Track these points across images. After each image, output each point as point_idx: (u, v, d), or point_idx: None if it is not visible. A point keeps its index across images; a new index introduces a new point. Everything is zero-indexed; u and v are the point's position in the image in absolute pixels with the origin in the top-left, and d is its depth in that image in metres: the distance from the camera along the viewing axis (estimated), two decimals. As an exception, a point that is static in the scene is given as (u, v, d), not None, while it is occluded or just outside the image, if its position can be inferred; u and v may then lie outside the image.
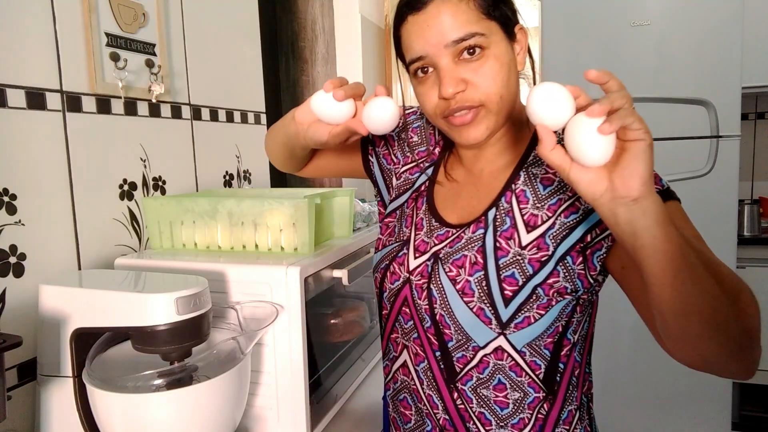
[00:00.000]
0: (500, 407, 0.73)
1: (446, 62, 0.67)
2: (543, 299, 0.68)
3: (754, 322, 0.55)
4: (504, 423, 0.73)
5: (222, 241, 0.99)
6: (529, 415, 0.72)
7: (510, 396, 0.72)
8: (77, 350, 0.76)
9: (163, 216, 1.02)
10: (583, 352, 0.75)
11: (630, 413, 2.26)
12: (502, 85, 0.68)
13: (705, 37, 2.05)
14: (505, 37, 0.69)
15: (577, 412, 0.74)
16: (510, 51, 0.70)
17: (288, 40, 2.09)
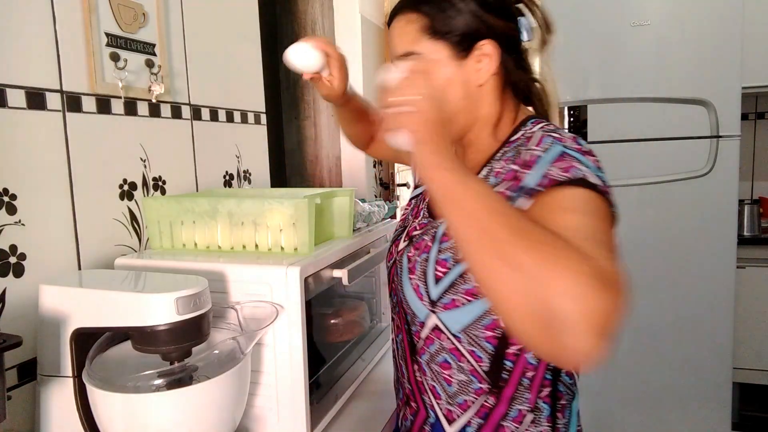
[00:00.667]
0: (447, 384, 0.78)
1: None
2: (469, 284, 0.73)
3: (565, 306, 0.47)
4: (451, 400, 0.78)
5: (222, 241, 0.99)
6: (473, 399, 0.76)
7: (455, 376, 0.77)
8: (77, 350, 0.76)
9: (163, 216, 1.02)
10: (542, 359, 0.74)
11: (630, 413, 2.26)
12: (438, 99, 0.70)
13: (705, 37, 2.05)
14: (454, 55, 0.74)
15: (530, 414, 0.75)
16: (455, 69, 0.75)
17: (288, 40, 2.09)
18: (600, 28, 2.16)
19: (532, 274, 0.50)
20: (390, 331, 1.07)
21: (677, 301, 2.17)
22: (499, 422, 0.75)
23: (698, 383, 2.18)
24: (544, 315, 0.49)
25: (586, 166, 0.66)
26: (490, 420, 0.76)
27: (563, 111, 2.23)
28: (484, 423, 0.76)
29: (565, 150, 0.68)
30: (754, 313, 2.48)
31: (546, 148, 0.69)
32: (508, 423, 0.75)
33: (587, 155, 0.69)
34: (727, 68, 2.04)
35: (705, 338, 2.16)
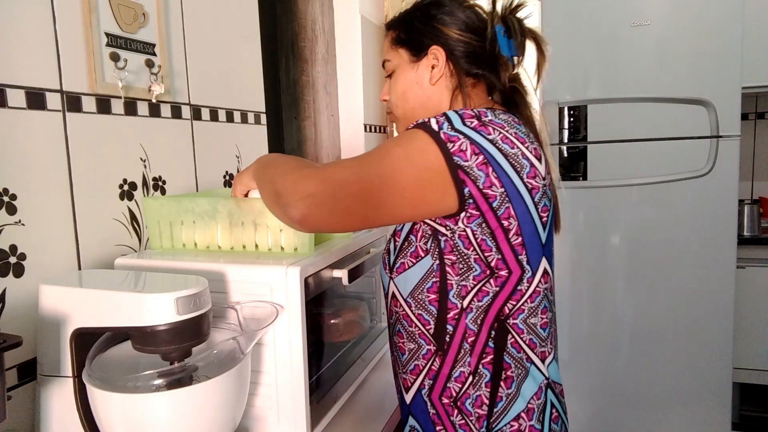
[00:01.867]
0: (401, 353, 0.89)
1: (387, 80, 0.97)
2: (413, 246, 0.83)
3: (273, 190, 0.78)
4: (404, 369, 0.89)
5: (222, 241, 0.99)
6: (423, 363, 0.85)
7: (406, 345, 0.88)
8: (77, 350, 0.76)
9: (163, 216, 1.02)
10: (482, 323, 0.81)
11: (630, 413, 2.26)
12: (399, 97, 0.94)
13: (705, 37, 2.05)
14: (409, 58, 0.91)
15: (471, 377, 0.82)
16: (412, 70, 0.91)
17: (288, 40, 2.09)
18: (600, 28, 2.16)
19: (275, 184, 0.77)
20: None
21: (677, 301, 2.17)
22: (445, 383, 0.84)
23: (698, 383, 2.18)
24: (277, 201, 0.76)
25: (449, 120, 0.77)
26: (438, 381, 0.84)
27: (563, 111, 2.23)
28: (433, 384, 0.85)
29: (448, 112, 0.79)
30: (754, 313, 2.48)
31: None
32: (452, 383, 0.83)
33: (472, 118, 0.77)
34: (727, 68, 2.04)
35: (705, 338, 2.16)
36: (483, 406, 0.82)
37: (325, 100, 2.14)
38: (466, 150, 0.73)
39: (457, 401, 0.83)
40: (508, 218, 0.77)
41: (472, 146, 0.73)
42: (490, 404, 0.82)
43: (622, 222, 2.21)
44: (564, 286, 2.29)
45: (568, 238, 2.28)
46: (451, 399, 0.83)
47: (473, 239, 0.77)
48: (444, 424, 0.85)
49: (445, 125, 0.75)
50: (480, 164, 0.74)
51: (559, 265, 2.29)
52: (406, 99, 0.92)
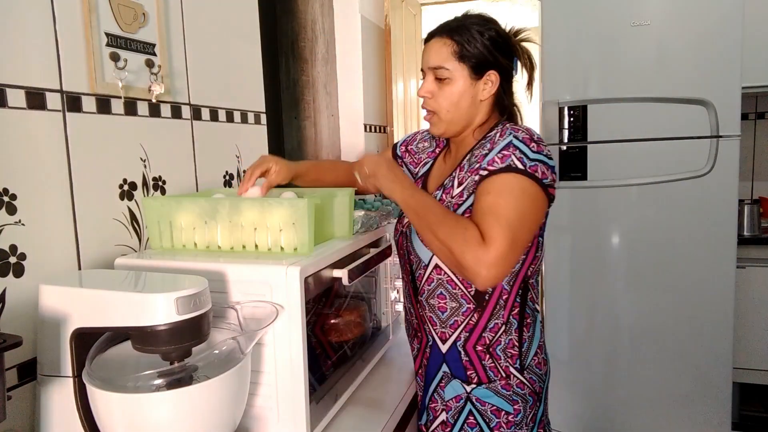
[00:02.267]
0: (441, 312, 1.07)
1: (429, 78, 1.07)
2: None
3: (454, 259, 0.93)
4: (444, 324, 1.07)
5: (222, 241, 0.99)
6: (462, 319, 1.05)
7: (448, 304, 1.06)
8: (77, 350, 0.76)
9: (163, 216, 1.02)
10: (513, 284, 1.04)
11: (630, 413, 2.26)
12: (451, 104, 1.06)
13: (705, 37, 2.05)
14: (470, 76, 1.04)
15: (503, 326, 1.05)
16: (471, 86, 1.05)
17: (288, 40, 2.10)
18: (600, 28, 2.16)
19: (442, 242, 0.94)
20: (389, 331, 1.28)
21: (677, 301, 2.17)
22: (480, 333, 1.05)
23: (698, 383, 2.18)
24: (453, 262, 0.95)
25: (523, 153, 0.97)
26: (474, 332, 1.05)
27: (563, 111, 2.23)
28: (469, 336, 1.05)
29: (513, 140, 0.99)
30: (754, 313, 2.48)
31: (504, 138, 1.01)
32: (486, 333, 1.05)
33: (531, 142, 0.99)
34: (727, 68, 2.04)
35: (705, 338, 2.16)
36: (515, 347, 1.05)
37: (325, 100, 2.14)
38: (546, 173, 0.98)
39: (489, 348, 1.05)
40: None
41: (542, 166, 0.97)
42: (520, 346, 1.05)
43: (622, 222, 2.21)
44: (564, 286, 2.29)
45: (568, 238, 2.28)
46: (484, 346, 1.05)
47: None
48: (475, 368, 1.05)
49: (524, 159, 0.97)
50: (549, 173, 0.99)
51: (559, 265, 2.29)
52: (459, 108, 1.06)
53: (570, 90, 2.21)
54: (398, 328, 1.44)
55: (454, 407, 1.07)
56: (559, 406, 2.33)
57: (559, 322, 2.32)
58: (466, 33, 1.04)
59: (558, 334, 2.33)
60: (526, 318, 1.06)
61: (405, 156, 1.30)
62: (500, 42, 1.05)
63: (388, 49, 2.46)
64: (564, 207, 2.25)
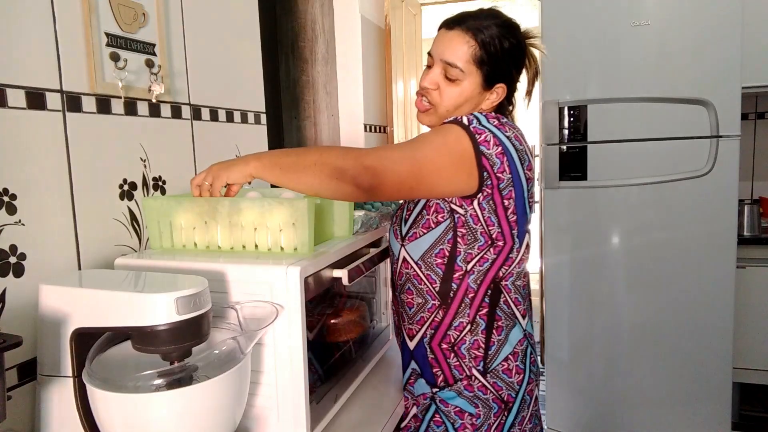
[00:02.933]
0: (409, 308, 1.07)
1: (438, 69, 1.02)
2: (424, 219, 1.02)
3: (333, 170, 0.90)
4: (411, 320, 1.07)
5: (222, 242, 0.99)
6: (427, 316, 1.04)
7: (415, 300, 1.05)
8: (77, 350, 0.76)
9: (163, 216, 1.02)
10: (480, 283, 1.01)
11: (630, 413, 2.26)
12: (454, 105, 1.02)
13: (705, 37, 2.05)
14: (481, 84, 1.01)
15: (469, 325, 1.02)
16: (478, 93, 1.02)
17: (288, 40, 2.09)
18: (600, 28, 2.16)
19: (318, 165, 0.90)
20: (389, 331, 1.29)
21: (677, 301, 2.17)
22: (445, 331, 1.03)
23: (698, 383, 2.18)
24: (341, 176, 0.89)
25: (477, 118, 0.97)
26: (439, 330, 1.03)
27: (563, 111, 2.23)
28: (434, 333, 1.04)
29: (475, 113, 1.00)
30: (754, 313, 2.48)
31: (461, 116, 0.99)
32: (451, 331, 1.03)
33: (494, 119, 0.98)
34: (727, 68, 2.04)
35: (705, 338, 2.16)
36: (479, 348, 1.02)
37: (325, 100, 2.14)
38: (489, 141, 0.94)
39: (454, 346, 1.03)
40: (509, 199, 0.98)
41: (494, 138, 0.94)
42: (486, 348, 1.02)
43: (622, 222, 2.21)
44: (564, 286, 2.29)
45: (568, 238, 2.27)
46: (449, 344, 1.03)
47: (481, 217, 0.98)
48: (441, 366, 1.04)
49: (474, 122, 0.95)
50: (498, 153, 0.94)
51: (559, 265, 2.29)
52: (459, 110, 1.03)
53: (570, 90, 2.21)
54: (398, 328, 1.44)
55: (422, 404, 1.07)
56: (559, 406, 2.33)
57: (559, 322, 2.32)
58: (493, 37, 0.98)
59: (558, 334, 2.33)
60: (497, 320, 1.03)
61: None
62: (517, 54, 1.01)
63: (388, 49, 2.46)
64: (564, 207, 2.25)
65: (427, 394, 1.06)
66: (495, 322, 1.03)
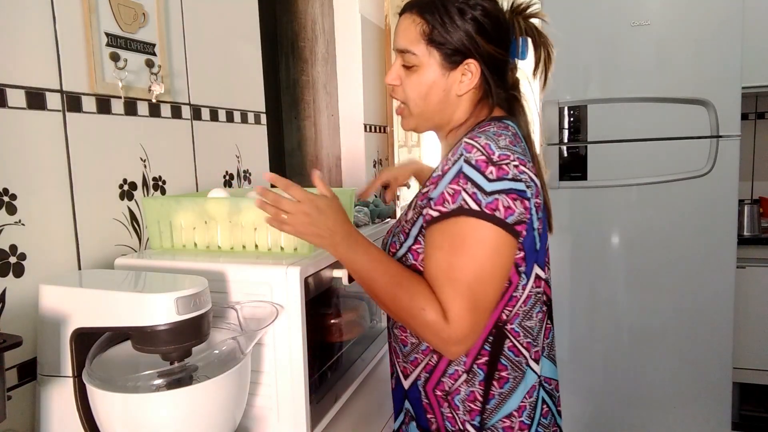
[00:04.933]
0: (403, 345, 0.94)
1: (397, 62, 0.89)
2: (410, 261, 0.87)
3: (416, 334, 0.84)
4: (406, 359, 0.94)
5: (222, 242, 0.99)
6: (422, 357, 0.91)
7: (408, 339, 0.92)
8: (77, 350, 0.76)
9: (163, 216, 1.02)
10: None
11: (630, 413, 2.26)
12: (419, 97, 0.88)
13: (705, 37, 2.05)
14: (441, 64, 0.86)
15: (464, 374, 0.87)
16: (442, 77, 0.86)
17: (288, 40, 2.09)
18: (600, 28, 2.16)
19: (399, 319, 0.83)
20: None
21: (677, 300, 2.17)
22: (440, 377, 0.89)
23: (698, 383, 2.18)
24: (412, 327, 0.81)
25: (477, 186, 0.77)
26: (434, 374, 0.90)
27: (563, 111, 2.23)
28: (429, 377, 0.90)
29: (463, 166, 0.79)
30: (754, 313, 2.48)
31: (455, 160, 0.80)
32: (446, 379, 0.88)
33: (489, 166, 0.78)
34: (727, 68, 2.04)
35: (705, 338, 2.16)
36: (476, 402, 0.87)
37: (325, 100, 2.14)
38: (509, 206, 0.77)
39: (448, 395, 0.89)
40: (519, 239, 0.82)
41: (505, 198, 0.77)
42: (483, 401, 0.87)
43: (622, 222, 2.21)
44: (564, 286, 2.29)
45: (568, 238, 2.27)
46: (443, 392, 0.89)
47: None
48: (434, 412, 0.91)
49: (480, 196, 0.77)
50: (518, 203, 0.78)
51: (559, 265, 2.29)
52: (428, 102, 0.88)
53: (570, 90, 2.21)
54: (398, 328, 1.44)
55: None
56: (559, 406, 2.33)
57: (559, 322, 2.32)
58: (441, 11, 0.84)
59: (558, 334, 2.33)
60: (500, 370, 0.86)
61: None
62: (487, 23, 0.84)
63: (388, 49, 2.46)
64: (564, 207, 2.25)
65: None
66: (497, 372, 0.87)
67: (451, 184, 0.79)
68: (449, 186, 0.79)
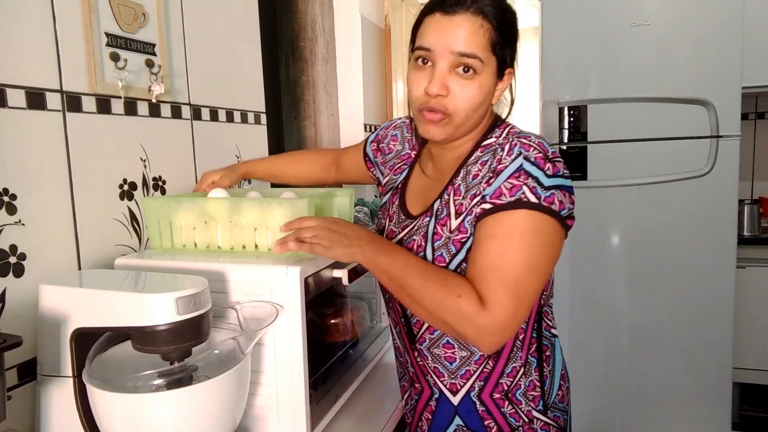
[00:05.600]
0: (449, 362, 0.90)
1: (444, 65, 0.81)
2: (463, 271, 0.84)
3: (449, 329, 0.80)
4: (454, 375, 0.91)
5: (222, 242, 0.99)
6: (475, 368, 0.89)
7: (457, 354, 0.89)
8: (77, 350, 0.76)
9: (163, 216, 1.02)
10: (528, 321, 0.89)
11: (630, 413, 2.26)
12: (472, 107, 0.83)
13: (705, 37, 2.05)
14: (495, 73, 0.84)
15: (522, 368, 0.90)
16: (492, 85, 0.84)
17: (288, 40, 2.09)
18: (600, 28, 2.16)
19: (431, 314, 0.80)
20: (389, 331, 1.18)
21: (677, 301, 2.17)
22: (497, 381, 0.89)
23: (698, 383, 2.18)
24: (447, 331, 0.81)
25: (537, 182, 0.79)
26: (489, 381, 0.89)
27: (563, 111, 2.23)
28: (484, 384, 0.90)
29: (524, 163, 0.80)
30: (754, 313, 2.48)
31: (512, 158, 0.81)
32: (504, 380, 0.89)
33: (546, 163, 0.80)
34: (727, 68, 2.04)
35: (705, 338, 2.16)
36: (536, 388, 0.91)
37: (325, 100, 2.14)
38: (562, 200, 0.80)
39: (508, 394, 0.90)
40: None
41: (560, 193, 0.80)
42: (541, 385, 0.91)
43: (622, 222, 2.21)
44: (564, 286, 2.29)
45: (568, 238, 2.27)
46: (502, 393, 0.90)
47: None
48: (493, 416, 0.90)
49: (539, 191, 0.78)
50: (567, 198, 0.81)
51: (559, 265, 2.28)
52: (477, 112, 0.85)
53: (570, 90, 2.21)
54: (398, 328, 1.44)
55: None
56: (559, 406, 2.33)
57: (559, 322, 2.32)
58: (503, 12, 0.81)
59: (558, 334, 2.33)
60: (545, 351, 0.92)
61: (376, 155, 1.10)
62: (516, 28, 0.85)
63: (388, 49, 2.46)
64: (564, 207, 2.25)
65: None
66: (543, 354, 0.92)
67: (510, 179, 0.79)
68: (507, 181, 0.79)
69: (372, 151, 1.11)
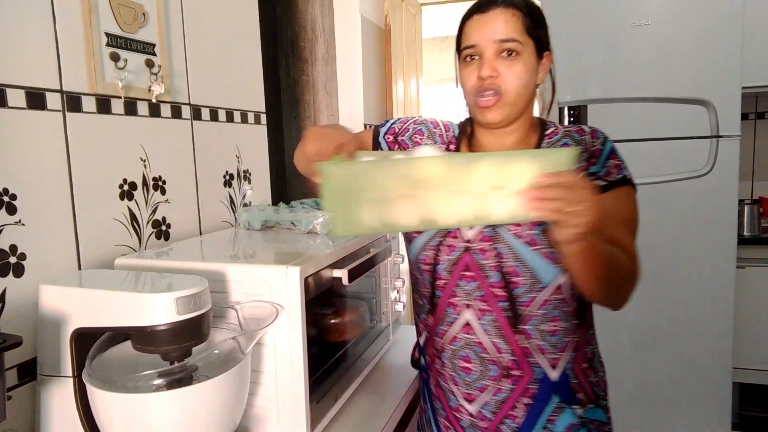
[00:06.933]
0: (552, 335, 0.94)
1: (490, 53, 0.90)
2: None
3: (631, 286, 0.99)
4: (554, 348, 0.94)
5: (442, 214, 0.78)
6: (569, 339, 0.95)
7: (560, 326, 0.94)
8: (77, 350, 0.76)
9: (353, 190, 0.77)
10: None
11: (630, 413, 2.26)
12: (521, 84, 0.90)
13: (705, 37, 2.05)
14: (534, 53, 0.92)
15: (593, 335, 1.04)
16: (535, 65, 0.93)
17: (288, 40, 2.09)
18: (600, 28, 2.16)
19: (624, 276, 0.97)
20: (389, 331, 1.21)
21: (677, 300, 2.17)
22: (584, 350, 0.99)
23: (698, 383, 2.18)
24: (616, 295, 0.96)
25: (623, 161, 0.98)
26: (579, 350, 0.97)
27: (563, 111, 2.23)
28: (575, 354, 0.96)
29: (614, 146, 0.99)
30: (754, 313, 2.48)
31: (603, 142, 0.99)
32: (587, 348, 1.00)
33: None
34: (727, 68, 2.04)
35: (705, 338, 2.16)
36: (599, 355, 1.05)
37: (325, 100, 2.14)
38: None
39: (591, 362, 1.00)
40: None
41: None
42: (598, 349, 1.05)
43: (622, 222, 2.21)
44: (564, 286, 2.29)
45: (568, 238, 2.27)
46: (587, 362, 0.99)
47: None
48: (583, 387, 0.97)
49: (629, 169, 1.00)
50: None
51: (559, 265, 2.29)
52: (527, 89, 0.92)
53: (570, 90, 2.21)
54: (398, 328, 1.44)
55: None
56: (559, 406, 2.33)
57: (559, 322, 2.32)
58: (533, 4, 0.94)
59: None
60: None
61: (393, 147, 1.07)
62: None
63: (388, 49, 2.46)
64: (564, 207, 2.25)
65: (575, 423, 0.95)
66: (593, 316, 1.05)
67: (611, 159, 0.97)
68: (609, 161, 0.97)
69: (388, 143, 1.06)
